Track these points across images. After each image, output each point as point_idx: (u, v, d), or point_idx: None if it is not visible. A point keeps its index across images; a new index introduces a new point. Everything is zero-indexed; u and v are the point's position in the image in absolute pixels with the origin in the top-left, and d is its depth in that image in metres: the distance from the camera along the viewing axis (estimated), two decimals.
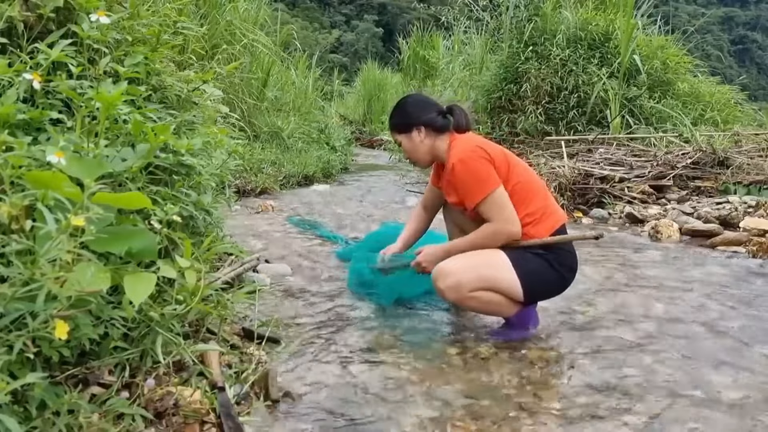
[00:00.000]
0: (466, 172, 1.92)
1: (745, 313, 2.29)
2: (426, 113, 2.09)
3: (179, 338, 1.33)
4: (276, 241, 3.39)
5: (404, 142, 2.13)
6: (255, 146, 5.78)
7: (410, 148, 2.13)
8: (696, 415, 1.48)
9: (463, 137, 2.07)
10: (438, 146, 2.10)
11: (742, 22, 48.44)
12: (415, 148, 2.11)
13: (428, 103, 2.14)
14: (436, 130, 2.09)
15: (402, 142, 2.14)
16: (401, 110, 2.15)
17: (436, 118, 2.09)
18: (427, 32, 14.00)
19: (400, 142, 2.15)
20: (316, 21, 38.42)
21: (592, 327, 2.11)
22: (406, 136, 2.11)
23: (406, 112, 2.13)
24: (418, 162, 2.17)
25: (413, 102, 2.16)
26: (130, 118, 1.44)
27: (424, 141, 2.09)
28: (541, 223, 1.95)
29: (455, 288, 1.87)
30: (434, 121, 2.08)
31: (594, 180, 4.87)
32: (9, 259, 0.97)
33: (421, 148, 2.11)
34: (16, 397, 0.99)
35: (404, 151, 2.17)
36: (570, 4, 7.65)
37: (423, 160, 2.15)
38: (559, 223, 1.98)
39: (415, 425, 1.40)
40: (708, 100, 7.13)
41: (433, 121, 2.08)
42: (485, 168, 1.92)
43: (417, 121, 2.09)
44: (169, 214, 1.33)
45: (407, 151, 2.15)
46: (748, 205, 4.24)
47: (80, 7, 1.59)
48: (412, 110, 2.12)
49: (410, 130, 2.10)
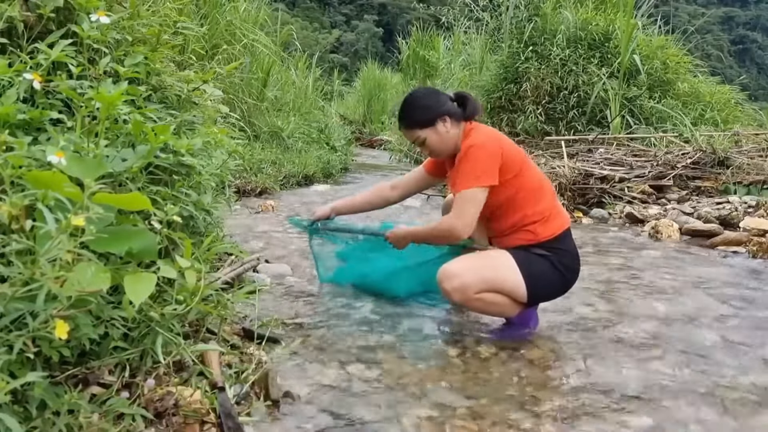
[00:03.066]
0: (472, 158, 1.89)
1: (745, 313, 2.29)
2: (444, 103, 2.02)
3: (179, 338, 1.33)
4: (276, 241, 3.39)
5: (430, 137, 2.01)
6: (255, 146, 5.78)
7: (438, 141, 2.01)
8: (696, 415, 1.48)
9: (483, 127, 2.02)
10: (459, 137, 2.02)
11: (742, 22, 48.43)
12: (443, 139, 2.01)
13: (440, 93, 2.08)
14: (456, 119, 2.02)
15: (427, 138, 2.01)
16: (418, 105, 2.04)
17: (453, 106, 2.03)
18: (427, 32, 14.00)
19: (424, 138, 2.02)
20: (316, 21, 38.43)
21: (592, 327, 2.11)
22: (432, 129, 2.00)
23: (425, 106, 2.02)
24: (444, 154, 2.06)
25: (428, 94, 2.08)
26: (130, 118, 1.44)
27: (450, 131, 2.00)
28: (549, 222, 1.95)
29: (461, 290, 1.87)
30: (454, 110, 2.02)
31: (594, 180, 4.87)
32: (9, 259, 0.97)
33: (448, 141, 2.01)
34: (16, 396, 0.99)
35: (429, 147, 2.03)
36: (570, 4, 7.65)
37: (446, 152, 2.05)
38: (564, 225, 1.98)
39: (415, 425, 1.40)
40: (708, 100, 7.13)
41: (454, 110, 2.01)
42: (488, 165, 1.88)
43: (439, 112, 1.99)
44: (169, 215, 1.33)
45: (434, 144, 2.02)
46: (748, 205, 4.24)
47: (80, 7, 1.59)
48: (430, 103, 2.02)
49: (435, 122, 1.99)
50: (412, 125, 2.03)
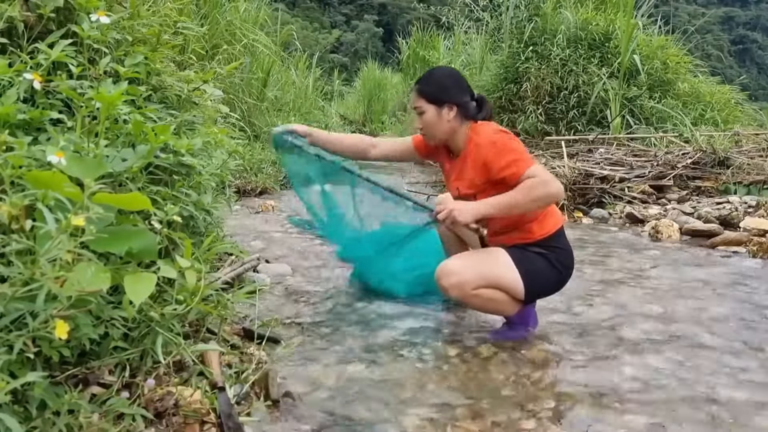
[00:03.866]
0: (508, 147, 1.87)
1: (745, 313, 2.29)
2: (462, 95, 2.00)
3: (179, 338, 1.33)
4: (276, 241, 3.39)
5: (429, 113, 1.98)
6: (255, 146, 5.78)
7: (432, 122, 1.98)
8: (696, 416, 1.48)
9: (485, 124, 2.01)
10: (459, 131, 2.00)
11: (742, 22, 48.42)
12: (438, 124, 1.98)
13: (465, 85, 2.04)
14: (464, 116, 2.00)
15: (426, 112, 1.98)
16: (440, 81, 2.00)
17: (470, 104, 2.01)
18: (427, 32, 14.00)
19: (424, 111, 1.98)
20: (316, 21, 38.41)
21: (592, 327, 2.11)
22: (436, 108, 1.97)
23: (444, 86, 1.99)
24: (431, 138, 2.04)
25: (453, 77, 2.04)
26: (130, 118, 1.44)
27: (450, 121, 1.97)
28: (545, 220, 1.97)
29: (459, 286, 1.87)
30: (468, 107, 2.00)
31: (594, 180, 4.87)
32: (9, 259, 0.97)
33: (443, 127, 1.98)
34: (16, 396, 0.99)
35: (424, 122, 2.00)
36: (570, 4, 7.66)
37: (437, 138, 2.03)
38: (559, 224, 2.00)
39: (415, 425, 1.40)
40: (708, 100, 7.13)
41: (467, 106, 1.99)
42: (520, 145, 1.91)
43: (452, 98, 1.97)
44: (169, 215, 1.33)
45: (428, 123, 1.99)
46: (748, 205, 4.24)
47: (80, 7, 1.59)
48: (451, 85, 1.99)
49: (442, 104, 1.96)
50: (423, 92, 2.00)
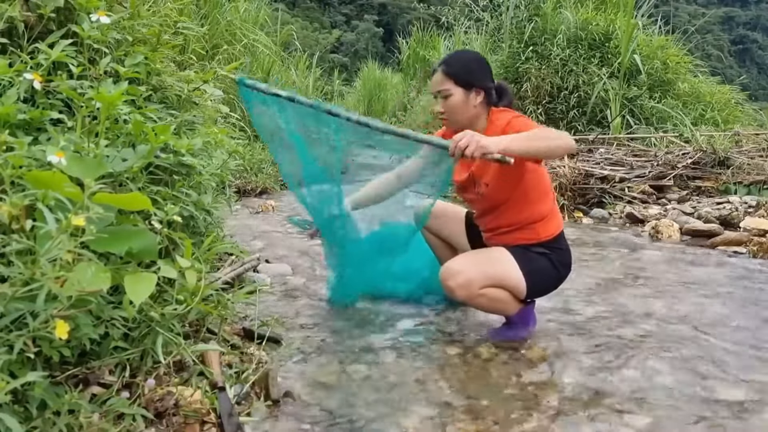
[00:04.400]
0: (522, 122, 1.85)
1: (745, 313, 2.29)
2: (489, 81, 1.96)
3: (179, 338, 1.33)
4: (276, 241, 3.39)
5: (456, 96, 1.90)
6: (255, 146, 5.78)
7: (458, 106, 1.91)
8: (696, 416, 1.48)
9: (504, 110, 1.98)
10: (481, 118, 1.96)
11: (743, 22, 48.40)
12: (464, 108, 1.92)
13: (490, 70, 2.01)
14: (488, 103, 1.97)
15: (453, 96, 1.90)
16: (469, 64, 1.95)
17: (493, 90, 1.98)
18: (427, 32, 13.99)
19: (451, 94, 1.90)
20: (316, 21, 38.39)
21: (592, 327, 2.11)
22: (464, 91, 1.90)
23: (473, 69, 1.93)
24: (453, 123, 1.96)
25: (481, 63, 1.99)
26: (130, 118, 1.44)
27: (476, 106, 1.92)
28: (550, 222, 1.98)
29: (466, 286, 1.86)
30: (492, 93, 1.97)
31: (594, 180, 4.87)
32: (9, 259, 0.97)
33: (468, 112, 1.92)
34: (16, 396, 0.99)
35: (448, 105, 1.92)
36: (570, 4, 7.66)
37: (459, 123, 1.93)
38: (561, 226, 2.02)
39: (415, 425, 1.40)
40: (708, 100, 7.14)
41: (491, 93, 1.97)
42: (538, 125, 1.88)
43: (481, 84, 1.92)
44: (169, 215, 1.33)
45: (453, 107, 1.91)
46: (748, 205, 4.24)
47: (81, 7, 1.59)
48: (478, 69, 1.95)
49: (471, 88, 1.90)
50: (451, 74, 1.92)
